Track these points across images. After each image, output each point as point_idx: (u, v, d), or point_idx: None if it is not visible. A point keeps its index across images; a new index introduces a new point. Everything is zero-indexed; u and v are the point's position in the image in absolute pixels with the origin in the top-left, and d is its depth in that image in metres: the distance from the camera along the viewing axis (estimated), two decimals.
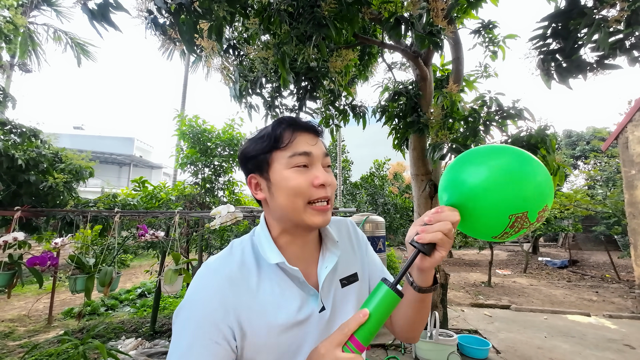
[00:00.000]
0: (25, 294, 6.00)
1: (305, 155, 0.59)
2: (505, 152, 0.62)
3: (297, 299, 0.60)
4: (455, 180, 0.62)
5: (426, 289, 0.60)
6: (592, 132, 15.78)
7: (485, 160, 0.62)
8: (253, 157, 0.62)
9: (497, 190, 0.57)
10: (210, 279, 0.57)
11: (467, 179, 0.60)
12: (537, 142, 3.02)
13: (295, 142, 0.60)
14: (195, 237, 4.41)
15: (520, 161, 0.60)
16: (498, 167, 0.59)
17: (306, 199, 0.59)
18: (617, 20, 1.98)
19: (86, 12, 1.77)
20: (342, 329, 0.48)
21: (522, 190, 0.58)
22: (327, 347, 0.47)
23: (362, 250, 0.75)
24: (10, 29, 4.56)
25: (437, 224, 0.54)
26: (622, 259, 9.98)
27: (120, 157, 20.53)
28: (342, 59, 3.15)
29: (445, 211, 0.56)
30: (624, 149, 5.60)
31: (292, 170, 0.59)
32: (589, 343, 3.81)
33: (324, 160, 0.62)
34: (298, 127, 0.61)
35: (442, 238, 0.53)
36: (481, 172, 0.60)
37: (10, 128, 3.86)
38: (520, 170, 0.59)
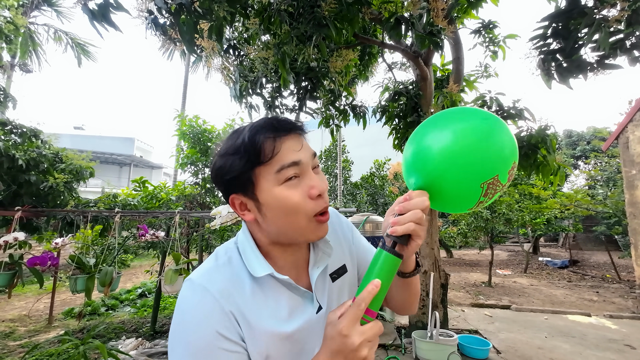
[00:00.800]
0: (25, 294, 6.01)
1: (294, 166, 0.52)
2: (462, 114, 0.59)
3: (292, 305, 0.57)
4: (418, 159, 0.59)
5: (409, 274, 0.61)
6: (593, 132, 15.76)
7: (447, 127, 0.59)
8: (233, 177, 0.53)
9: (464, 162, 0.55)
10: (200, 297, 0.51)
11: (432, 154, 0.57)
12: (537, 142, 3.01)
13: (280, 153, 0.52)
14: (196, 237, 4.41)
15: (482, 122, 0.57)
16: (460, 136, 0.56)
17: (309, 214, 0.53)
18: (617, 20, 1.97)
19: (86, 13, 1.77)
20: (358, 304, 0.47)
21: (489, 155, 0.55)
22: (348, 327, 0.46)
23: (349, 238, 0.73)
24: (10, 29, 4.57)
25: (407, 214, 0.52)
26: (623, 259, 9.97)
27: (121, 157, 20.55)
28: (342, 59, 3.15)
29: (414, 198, 0.54)
30: (624, 149, 5.60)
31: (284, 187, 0.52)
32: (590, 343, 3.81)
33: (313, 162, 0.56)
34: (279, 133, 0.52)
35: (414, 228, 0.51)
36: (444, 144, 0.57)
37: (11, 128, 3.87)
38: (482, 134, 0.56)
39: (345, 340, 0.46)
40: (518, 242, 11.60)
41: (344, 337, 0.46)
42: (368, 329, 0.47)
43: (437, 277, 3.69)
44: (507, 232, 10.45)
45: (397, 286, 0.65)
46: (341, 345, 0.46)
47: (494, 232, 8.27)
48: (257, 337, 0.52)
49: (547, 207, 7.92)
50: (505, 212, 7.45)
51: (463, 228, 8.63)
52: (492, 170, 0.55)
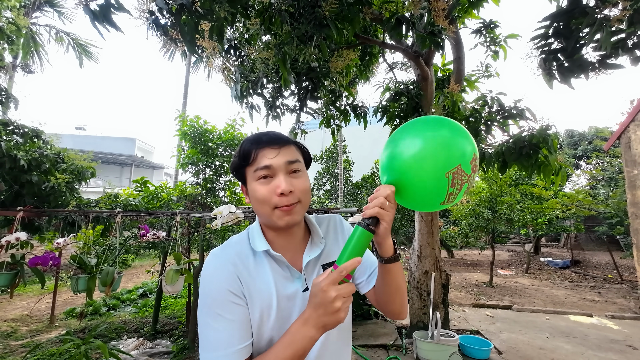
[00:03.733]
0: (27, 293, 6.02)
1: (266, 169, 0.69)
2: (420, 123, 0.70)
3: (283, 279, 0.72)
4: (390, 158, 0.70)
5: (388, 259, 0.72)
6: (594, 131, 15.70)
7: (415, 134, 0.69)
8: (235, 171, 0.76)
9: (426, 156, 0.65)
10: (216, 260, 0.71)
11: (399, 155, 0.68)
12: (538, 142, 3.01)
13: (257, 158, 0.70)
14: (197, 237, 4.41)
15: (438, 125, 0.69)
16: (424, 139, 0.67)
17: (272, 205, 0.69)
18: (619, 20, 1.97)
19: (88, 13, 1.78)
20: (340, 270, 0.60)
21: (449, 147, 0.65)
22: (328, 284, 0.59)
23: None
24: (12, 30, 4.58)
25: (374, 200, 0.65)
26: (625, 259, 9.94)
27: (122, 157, 20.58)
28: (343, 59, 3.15)
29: (381, 189, 0.67)
30: (626, 148, 5.58)
31: (258, 183, 0.70)
32: (591, 344, 3.79)
33: (288, 167, 0.71)
34: (260, 144, 0.71)
35: (379, 211, 0.64)
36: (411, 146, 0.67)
37: (13, 129, 3.88)
38: (441, 132, 0.67)
39: (324, 294, 0.59)
40: (519, 243, 11.58)
41: (323, 292, 0.59)
42: (343, 287, 0.60)
43: (438, 277, 3.68)
44: (509, 232, 10.43)
45: (381, 276, 0.76)
46: (321, 298, 0.59)
47: (495, 232, 8.26)
48: (254, 296, 0.68)
49: (549, 207, 7.90)
50: (506, 212, 7.43)
51: (464, 228, 8.61)
52: (454, 161, 0.65)
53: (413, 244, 3.96)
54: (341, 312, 0.59)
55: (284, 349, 0.62)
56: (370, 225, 0.64)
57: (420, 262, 3.76)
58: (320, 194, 13.02)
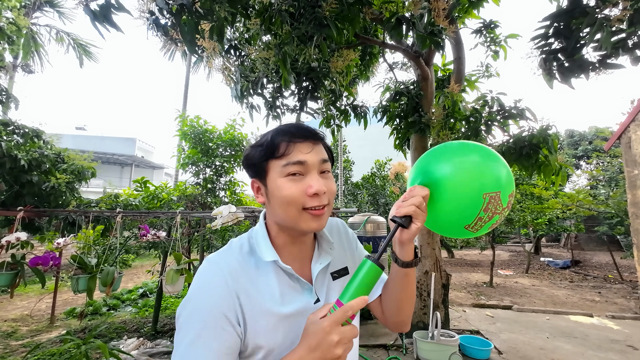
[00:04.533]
0: (27, 293, 6.03)
1: (299, 164, 0.61)
2: (473, 149, 0.68)
3: (292, 292, 0.64)
4: (428, 163, 0.68)
5: (409, 263, 0.67)
6: (595, 131, 15.69)
7: (459, 153, 0.67)
8: (253, 163, 0.66)
9: (472, 168, 0.64)
10: (212, 271, 0.61)
11: (440, 162, 0.66)
12: (539, 142, 3.01)
13: (291, 152, 0.62)
14: (197, 237, 4.42)
15: (486, 153, 0.66)
16: (471, 156, 0.65)
17: (300, 207, 0.61)
18: (619, 20, 1.97)
19: (88, 13, 1.78)
20: (345, 310, 0.53)
21: (494, 171, 0.63)
22: (331, 325, 0.52)
23: (352, 246, 0.81)
24: (13, 30, 4.58)
25: (410, 199, 0.62)
26: (625, 259, 9.93)
27: (122, 157, 20.59)
28: (343, 59, 3.15)
29: (416, 189, 0.64)
30: (626, 148, 5.57)
31: (286, 179, 0.61)
32: (592, 344, 3.79)
33: (321, 167, 0.64)
34: (295, 137, 0.62)
35: (415, 210, 0.61)
36: (455, 159, 0.66)
37: (13, 129, 3.88)
38: (490, 159, 0.65)
39: (326, 336, 0.51)
40: (519, 243, 11.57)
41: (325, 333, 0.52)
42: (347, 330, 0.53)
43: (439, 278, 3.68)
44: (509, 233, 10.43)
45: (395, 281, 0.70)
46: (321, 340, 0.52)
47: (496, 232, 8.25)
48: (256, 314, 0.59)
49: (549, 207, 7.89)
50: (507, 214, 7.41)
51: None
52: (496, 185, 0.62)
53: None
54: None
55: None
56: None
57: (420, 262, 3.76)
58: None
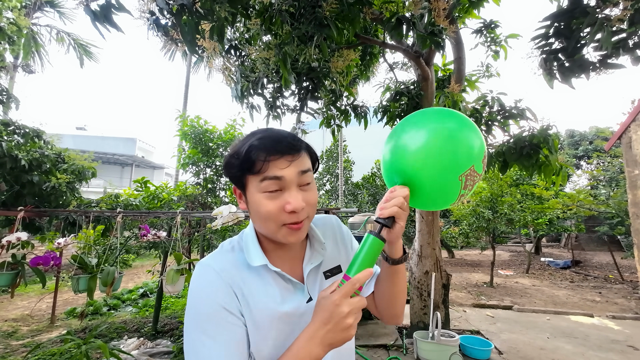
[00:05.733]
0: (28, 293, 6.03)
1: (276, 180, 0.59)
2: (436, 115, 0.66)
3: (283, 292, 0.65)
4: (397, 158, 0.67)
5: (397, 260, 0.69)
6: (595, 131, 15.67)
7: (422, 127, 0.65)
8: (232, 175, 0.64)
9: (439, 159, 0.62)
10: (206, 272, 0.62)
11: (409, 154, 0.65)
12: (539, 142, 3.00)
13: (267, 169, 0.59)
14: (197, 237, 4.42)
15: (451, 120, 0.63)
16: (434, 135, 0.63)
17: (278, 223, 0.61)
18: (620, 20, 1.97)
19: (89, 14, 1.78)
20: (353, 283, 0.56)
21: (462, 149, 0.61)
22: (341, 298, 0.55)
23: (347, 244, 0.81)
24: (13, 31, 4.58)
25: (392, 200, 0.63)
26: (626, 259, 9.92)
27: (123, 157, 20.61)
28: (343, 59, 3.15)
29: (397, 189, 0.65)
30: (627, 148, 5.57)
31: (264, 196, 0.60)
32: (592, 344, 3.79)
33: (300, 180, 0.61)
34: (271, 153, 0.59)
35: (397, 211, 0.62)
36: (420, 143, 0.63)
37: (14, 129, 3.89)
38: (455, 129, 0.62)
39: (337, 308, 0.54)
40: (520, 243, 11.57)
41: (336, 306, 0.54)
42: (356, 301, 0.55)
43: (439, 278, 3.68)
44: (509, 233, 10.42)
45: (387, 278, 0.72)
46: (332, 313, 0.54)
47: (496, 232, 8.24)
48: (252, 312, 0.61)
49: (549, 207, 7.88)
50: (507, 212, 7.42)
51: (465, 228, 8.61)
52: (467, 162, 0.62)
53: (413, 244, 3.96)
54: (352, 329, 0.55)
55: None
56: (384, 229, 0.63)
57: (420, 262, 3.76)
58: (320, 194, 13.02)
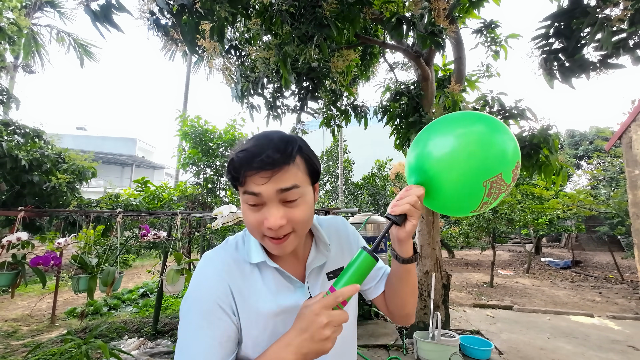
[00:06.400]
0: (28, 293, 6.03)
1: (254, 196, 0.60)
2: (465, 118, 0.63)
3: (284, 289, 0.66)
4: (421, 162, 0.65)
5: (408, 259, 0.68)
6: (595, 131, 15.66)
7: (449, 132, 0.62)
8: (229, 180, 0.65)
9: (463, 160, 0.59)
10: (208, 266, 0.65)
11: (433, 157, 0.62)
12: (539, 142, 3.00)
13: (245, 181, 0.60)
14: (197, 237, 4.42)
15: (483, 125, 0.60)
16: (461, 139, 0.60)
17: (261, 234, 0.62)
18: (620, 19, 1.97)
19: (89, 14, 1.78)
20: (336, 296, 0.55)
21: (490, 154, 0.57)
22: (320, 308, 0.54)
23: (353, 246, 0.81)
24: (13, 31, 4.59)
25: (405, 198, 0.63)
26: (626, 259, 9.91)
27: (123, 157, 20.61)
28: (343, 59, 3.15)
29: (412, 188, 0.65)
30: (627, 148, 5.57)
31: (247, 207, 0.62)
32: (592, 344, 3.79)
33: (282, 196, 0.59)
34: (248, 168, 0.59)
35: (409, 209, 0.62)
36: (446, 147, 0.61)
37: (14, 129, 3.89)
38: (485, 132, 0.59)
39: (315, 318, 0.54)
40: (520, 243, 11.56)
41: (315, 315, 0.54)
42: (337, 314, 0.55)
43: (439, 278, 3.68)
44: (509, 233, 10.40)
45: (397, 278, 0.72)
46: (310, 322, 0.54)
47: (496, 232, 8.24)
48: (248, 309, 0.62)
49: (550, 208, 7.88)
50: (507, 212, 7.42)
51: (465, 228, 8.60)
52: (495, 168, 0.57)
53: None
54: (329, 342, 0.54)
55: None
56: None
57: (420, 262, 3.76)
58: (320, 194, 13.03)
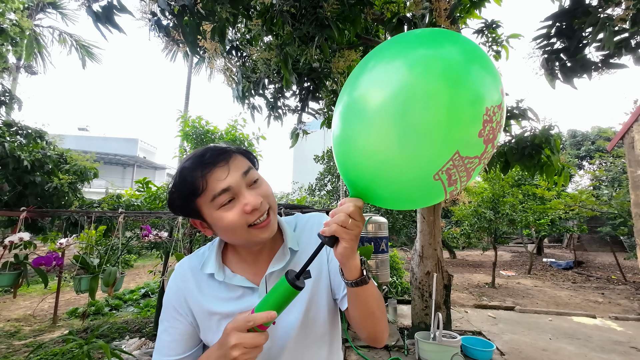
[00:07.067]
0: (30, 293, 6.05)
1: (225, 193, 0.60)
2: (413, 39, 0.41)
3: (237, 293, 0.68)
4: (341, 153, 0.54)
5: (353, 282, 0.59)
6: (597, 132, 15.61)
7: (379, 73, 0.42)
8: (183, 207, 0.65)
9: (393, 157, 0.43)
10: (174, 273, 0.73)
11: (350, 148, 0.47)
12: (541, 142, 2.99)
13: (209, 185, 0.60)
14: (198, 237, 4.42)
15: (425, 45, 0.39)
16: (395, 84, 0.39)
17: (245, 226, 0.61)
18: (622, 19, 1.96)
19: (91, 15, 1.79)
20: (247, 319, 0.54)
21: (437, 111, 0.37)
22: (232, 329, 0.54)
23: None
24: (16, 32, 4.61)
25: (334, 217, 0.54)
26: (629, 260, 9.87)
27: (124, 158, 20.66)
28: (344, 59, 3.14)
29: (345, 202, 0.55)
30: (629, 149, 5.54)
31: (221, 210, 0.61)
32: (595, 345, 3.77)
33: (246, 180, 0.63)
34: (206, 167, 0.60)
35: (336, 229, 0.53)
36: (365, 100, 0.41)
37: (17, 129, 3.91)
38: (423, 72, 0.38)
39: (226, 338, 0.55)
40: (522, 243, 11.54)
41: (226, 335, 0.55)
42: (249, 337, 0.53)
43: (440, 278, 3.67)
44: (511, 233, 10.37)
45: (349, 300, 0.65)
46: (223, 341, 0.56)
47: (498, 232, 8.22)
48: (201, 313, 0.67)
49: (551, 208, 7.86)
50: (508, 213, 7.40)
51: (466, 229, 8.58)
52: (446, 145, 0.39)
53: (415, 245, 3.95)
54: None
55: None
56: (297, 281, 0.55)
57: (422, 262, 3.75)
58: (322, 195, 13.02)
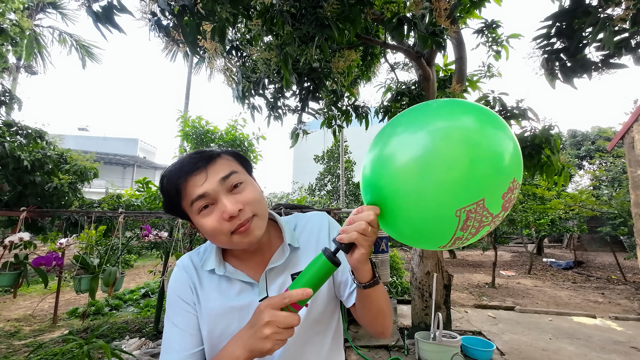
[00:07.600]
0: (30, 293, 6.05)
1: (201, 199, 0.61)
2: (448, 107, 0.44)
3: (237, 288, 0.68)
4: (374, 167, 0.52)
5: (365, 285, 0.61)
6: (597, 131, 15.61)
7: (421, 125, 0.45)
8: (173, 210, 0.67)
9: (429, 175, 0.42)
10: (177, 268, 0.73)
11: (389, 163, 0.47)
12: (541, 142, 2.99)
13: (187, 191, 0.61)
14: (199, 237, 4.42)
15: (473, 117, 0.41)
16: (437, 134, 0.43)
17: (226, 233, 0.61)
18: (622, 19, 1.96)
19: (91, 15, 1.78)
20: (283, 296, 0.53)
21: (475, 163, 0.39)
22: (266, 306, 0.53)
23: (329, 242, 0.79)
24: (16, 32, 4.61)
25: (354, 224, 0.55)
26: (629, 260, 9.87)
27: (124, 158, 20.67)
28: (344, 59, 3.15)
29: (364, 210, 0.55)
30: (629, 148, 5.54)
31: (201, 215, 0.62)
32: (595, 345, 3.77)
33: (226, 185, 0.62)
34: (184, 174, 0.62)
35: (357, 237, 0.54)
36: (411, 143, 0.44)
37: (17, 129, 3.90)
38: (472, 131, 0.41)
39: (259, 314, 0.53)
40: (522, 243, 11.54)
41: (259, 312, 0.54)
42: (282, 315, 0.52)
43: (440, 278, 3.67)
44: (511, 233, 10.38)
45: (359, 299, 0.67)
46: (255, 319, 0.55)
47: (498, 232, 8.22)
48: (202, 309, 0.67)
49: (551, 208, 7.85)
50: (508, 213, 7.40)
51: None
52: (476, 193, 0.40)
53: None
54: (268, 342, 0.52)
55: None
56: (334, 257, 0.55)
57: (422, 262, 3.75)
58: (322, 195, 13.02)
